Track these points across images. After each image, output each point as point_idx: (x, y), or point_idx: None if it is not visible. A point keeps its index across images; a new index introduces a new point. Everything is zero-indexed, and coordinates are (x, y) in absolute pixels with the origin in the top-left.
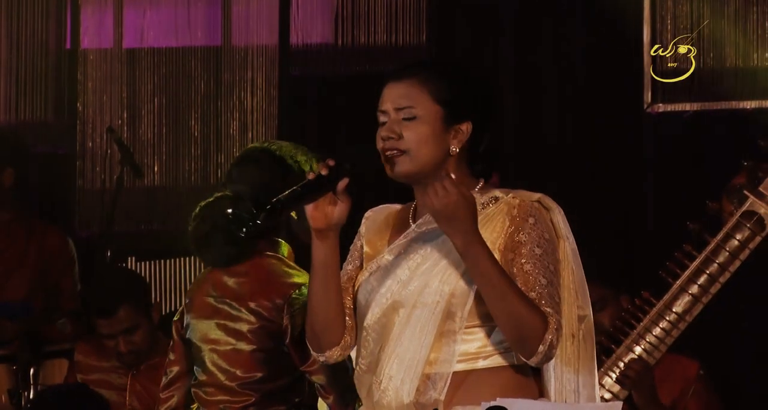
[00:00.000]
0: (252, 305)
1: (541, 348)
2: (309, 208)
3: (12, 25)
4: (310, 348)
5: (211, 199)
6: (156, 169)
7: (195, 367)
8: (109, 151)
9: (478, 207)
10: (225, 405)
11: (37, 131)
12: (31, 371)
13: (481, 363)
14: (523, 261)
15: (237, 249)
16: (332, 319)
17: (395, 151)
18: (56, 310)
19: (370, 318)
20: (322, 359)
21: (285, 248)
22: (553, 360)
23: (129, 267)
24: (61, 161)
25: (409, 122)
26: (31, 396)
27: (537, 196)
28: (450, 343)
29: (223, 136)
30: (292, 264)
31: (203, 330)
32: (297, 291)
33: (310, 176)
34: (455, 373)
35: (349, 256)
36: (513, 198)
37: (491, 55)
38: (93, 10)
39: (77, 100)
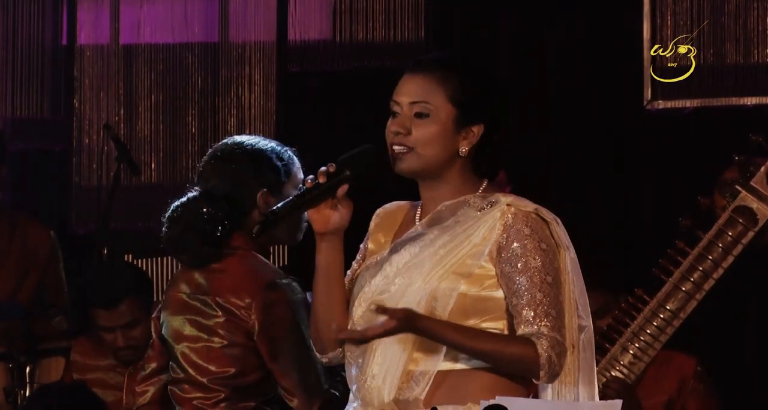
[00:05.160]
0: (220, 301)
1: (542, 371)
2: (310, 211)
3: (8, 20)
4: (314, 349)
5: (184, 199)
6: (153, 165)
7: (171, 364)
8: (105, 148)
9: (476, 212)
10: (199, 402)
11: (33, 128)
12: (27, 369)
13: (462, 364)
14: (520, 276)
15: (213, 249)
16: (335, 321)
17: (403, 148)
18: (49, 307)
19: (358, 312)
20: (325, 360)
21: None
22: None
23: None
24: (57, 158)
25: (420, 119)
26: (27, 395)
27: (533, 206)
28: (435, 342)
29: (220, 133)
30: (266, 261)
31: (176, 326)
32: (267, 287)
33: (308, 184)
34: (438, 372)
35: (357, 255)
36: (508, 205)
37: (490, 52)
38: (89, 5)
39: (73, 97)
